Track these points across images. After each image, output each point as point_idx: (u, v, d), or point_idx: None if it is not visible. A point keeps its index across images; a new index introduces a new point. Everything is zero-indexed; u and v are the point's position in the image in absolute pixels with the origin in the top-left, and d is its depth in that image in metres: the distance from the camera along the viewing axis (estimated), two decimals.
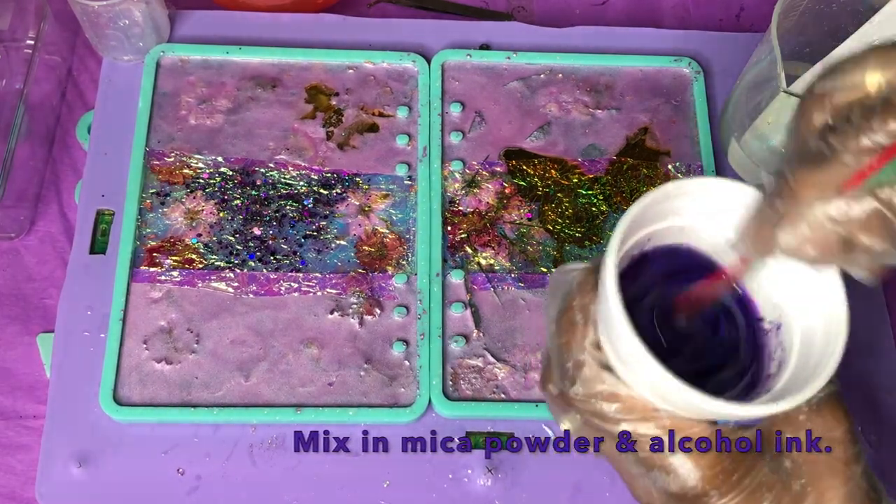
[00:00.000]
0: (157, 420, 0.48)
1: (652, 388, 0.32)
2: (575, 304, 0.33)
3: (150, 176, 0.53)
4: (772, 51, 0.49)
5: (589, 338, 0.33)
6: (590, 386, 0.32)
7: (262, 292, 0.51)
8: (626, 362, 0.32)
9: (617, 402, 0.32)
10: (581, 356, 0.33)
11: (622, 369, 0.32)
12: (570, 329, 0.33)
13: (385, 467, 0.48)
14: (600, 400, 0.32)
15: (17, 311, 0.53)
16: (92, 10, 0.52)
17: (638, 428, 0.32)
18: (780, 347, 0.34)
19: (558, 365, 0.34)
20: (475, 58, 0.58)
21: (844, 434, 0.32)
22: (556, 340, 0.34)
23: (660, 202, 0.33)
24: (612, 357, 0.33)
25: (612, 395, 0.32)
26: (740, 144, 0.55)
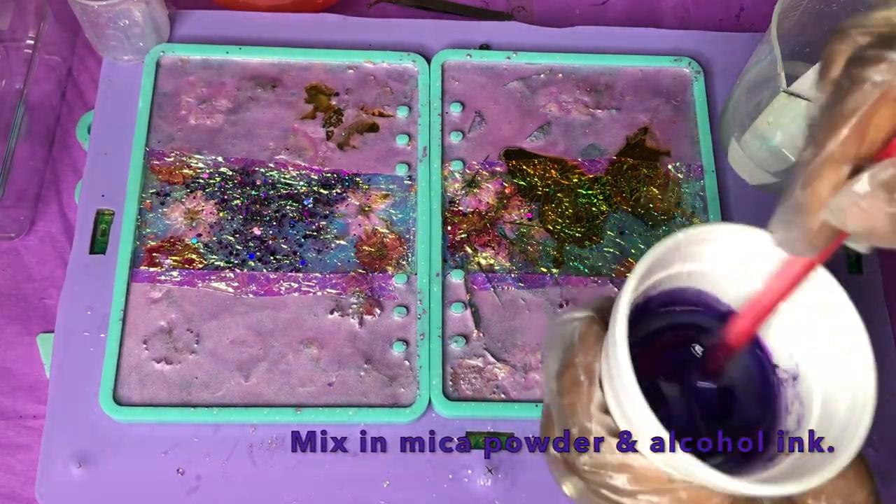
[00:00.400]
0: (157, 420, 0.48)
1: (665, 463, 0.30)
2: (578, 360, 0.31)
3: (150, 176, 0.53)
4: (772, 51, 0.49)
5: (595, 401, 0.31)
6: (598, 456, 0.30)
7: (262, 292, 0.51)
8: (636, 429, 0.30)
9: (628, 472, 0.30)
10: (587, 423, 0.31)
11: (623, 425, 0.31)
12: (573, 389, 0.31)
13: (385, 467, 0.48)
14: (610, 471, 0.30)
15: (17, 311, 0.53)
16: (92, 10, 0.52)
17: (652, 500, 0.30)
18: (798, 401, 0.33)
19: (561, 428, 0.32)
20: (475, 58, 0.58)
21: (867, 497, 0.31)
22: (558, 401, 0.32)
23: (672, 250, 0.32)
24: (620, 421, 0.31)
25: (622, 465, 0.30)
26: (740, 144, 0.55)
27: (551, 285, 0.52)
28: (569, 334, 0.32)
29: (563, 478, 0.33)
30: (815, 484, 0.28)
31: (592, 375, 0.31)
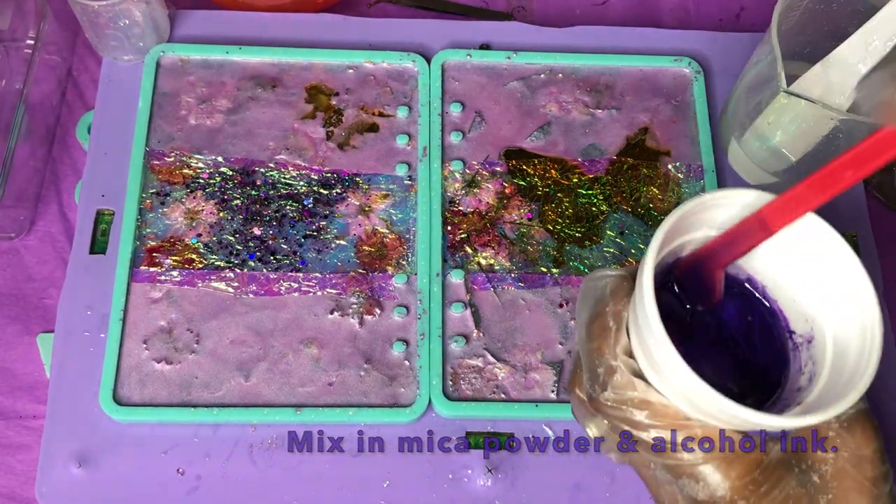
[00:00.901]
0: (157, 420, 0.48)
1: (684, 397, 0.32)
2: (608, 309, 0.33)
3: (150, 176, 0.53)
4: (772, 51, 0.49)
5: (621, 344, 0.33)
6: (621, 392, 0.32)
7: (262, 292, 0.51)
8: (659, 371, 0.32)
9: (647, 409, 0.32)
10: (613, 362, 0.33)
11: (654, 377, 0.32)
12: (601, 334, 0.33)
13: (385, 467, 0.48)
14: (631, 407, 0.32)
15: (17, 311, 0.53)
16: (92, 10, 0.52)
17: (668, 434, 0.32)
18: (812, 361, 0.34)
19: (588, 370, 0.34)
20: (475, 58, 0.58)
21: (874, 453, 0.32)
22: (586, 345, 0.34)
23: (696, 212, 0.33)
24: (644, 365, 0.33)
25: (643, 402, 0.32)
26: (740, 144, 0.55)
27: (551, 285, 0.52)
28: (601, 288, 0.34)
29: (586, 419, 0.35)
30: (823, 418, 0.29)
31: (620, 322, 0.33)
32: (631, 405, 0.32)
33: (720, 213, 0.34)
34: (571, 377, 0.37)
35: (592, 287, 0.35)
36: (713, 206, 0.33)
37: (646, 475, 0.35)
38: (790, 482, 0.32)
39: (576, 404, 0.36)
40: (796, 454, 0.32)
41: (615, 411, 0.33)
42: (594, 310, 0.34)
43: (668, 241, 0.33)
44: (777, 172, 0.54)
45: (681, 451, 0.32)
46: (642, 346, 0.32)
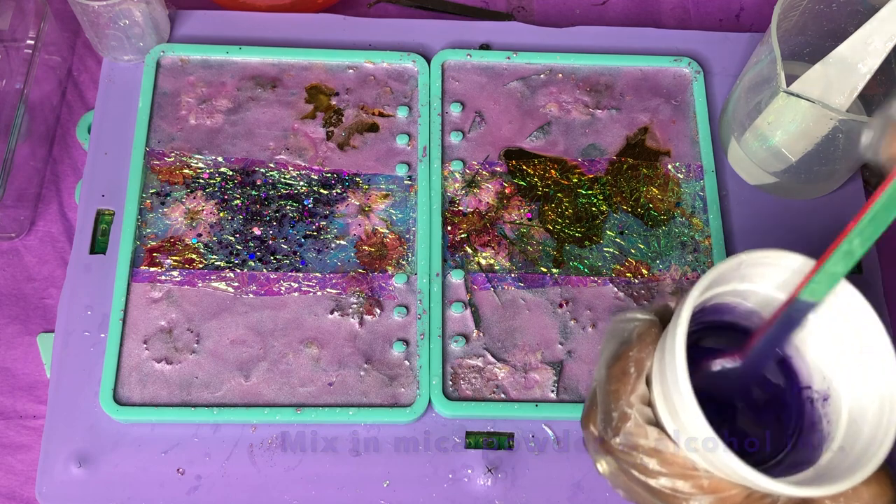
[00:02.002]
0: (157, 420, 0.48)
1: (702, 456, 0.32)
2: (631, 354, 0.34)
3: (150, 176, 0.53)
4: (772, 51, 0.49)
5: (638, 392, 0.33)
6: (632, 439, 0.33)
7: (262, 292, 0.51)
8: (680, 424, 0.32)
9: (657, 457, 0.32)
10: (628, 409, 0.33)
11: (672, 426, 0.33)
12: (621, 378, 0.34)
13: (385, 467, 0.48)
14: (641, 453, 0.33)
15: (17, 311, 0.53)
16: (92, 10, 0.52)
17: (676, 483, 0.32)
18: (826, 419, 0.34)
19: (603, 411, 0.34)
20: (475, 58, 0.58)
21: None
22: (604, 386, 0.34)
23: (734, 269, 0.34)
24: (662, 412, 0.33)
25: (653, 450, 0.33)
26: (740, 144, 0.55)
27: (551, 285, 0.52)
28: (628, 331, 0.35)
29: (598, 456, 0.36)
30: (840, 490, 0.30)
31: (641, 370, 0.33)
32: (641, 451, 0.33)
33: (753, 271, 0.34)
34: (586, 412, 0.37)
35: (620, 328, 0.35)
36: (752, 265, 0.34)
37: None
38: None
39: (588, 440, 0.37)
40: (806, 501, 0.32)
41: (625, 456, 0.33)
42: (617, 350, 0.34)
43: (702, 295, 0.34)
44: (777, 172, 0.54)
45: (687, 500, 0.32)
46: (665, 395, 0.32)
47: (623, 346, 0.34)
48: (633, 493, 0.35)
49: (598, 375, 0.35)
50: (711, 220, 0.54)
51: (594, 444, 0.36)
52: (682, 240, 0.53)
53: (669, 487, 0.32)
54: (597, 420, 0.35)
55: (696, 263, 0.53)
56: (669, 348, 0.32)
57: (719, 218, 0.54)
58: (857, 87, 0.50)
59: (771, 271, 0.34)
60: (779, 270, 0.34)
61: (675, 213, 0.54)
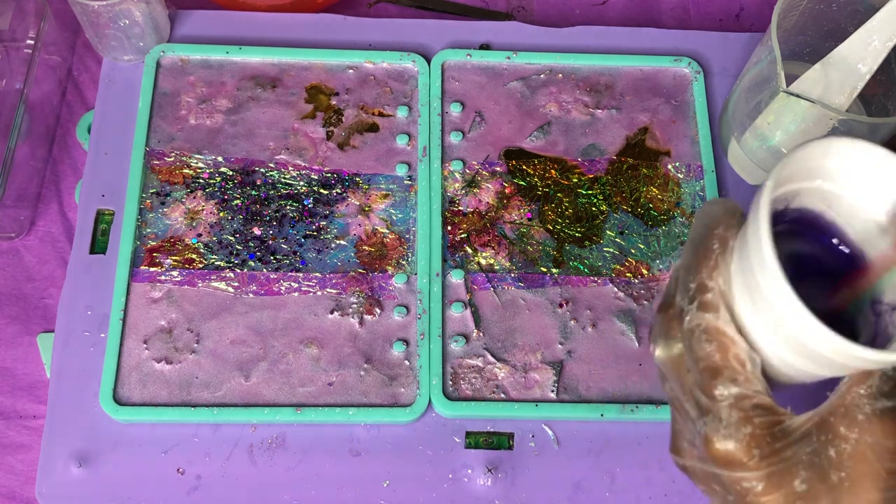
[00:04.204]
0: (157, 420, 0.48)
1: (775, 329, 0.31)
2: (716, 232, 0.34)
3: (150, 176, 0.53)
4: (772, 51, 0.49)
5: (719, 269, 0.33)
6: (702, 313, 0.33)
7: (262, 292, 0.51)
8: (764, 303, 0.31)
9: (717, 340, 0.32)
10: (708, 282, 0.33)
11: (745, 307, 0.32)
12: (705, 254, 0.34)
13: (385, 467, 0.48)
14: (704, 332, 0.33)
15: (17, 311, 0.53)
16: (92, 10, 0.52)
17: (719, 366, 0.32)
18: (893, 325, 0.34)
19: (683, 284, 0.34)
20: (475, 58, 0.58)
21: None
22: (686, 260, 0.34)
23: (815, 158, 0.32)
24: (737, 292, 0.32)
25: (716, 331, 0.32)
26: (740, 144, 0.55)
27: (551, 285, 0.52)
28: (715, 212, 0.35)
29: (657, 340, 0.36)
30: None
31: (724, 247, 0.33)
32: (705, 329, 0.33)
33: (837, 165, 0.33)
34: (663, 299, 0.37)
35: (709, 210, 0.35)
36: (831, 155, 0.32)
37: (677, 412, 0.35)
38: (804, 448, 0.32)
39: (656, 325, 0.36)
40: (819, 424, 0.32)
41: (691, 328, 0.33)
42: (702, 231, 0.34)
43: (785, 182, 0.32)
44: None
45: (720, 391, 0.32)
46: (745, 277, 0.32)
47: (707, 226, 0.34)
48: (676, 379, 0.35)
49: (682, 257, 0.36)
50: None
51: (662, 323, 0.36)
52: (682, 240, 0.53)
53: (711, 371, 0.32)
54: (673, 306, 0.35)
55: None
56: (753, 218, 0.31)
57: None
58: (857, 87, 0.50)
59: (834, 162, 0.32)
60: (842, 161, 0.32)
61: (675, 213, 0.54)
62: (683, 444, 0.36)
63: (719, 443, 0.32)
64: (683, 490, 0.48)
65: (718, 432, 0.32)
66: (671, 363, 0.35)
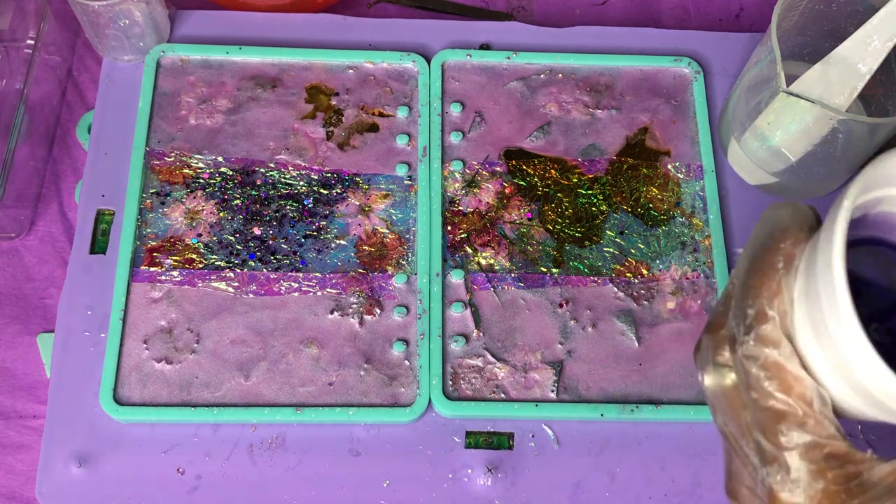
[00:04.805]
0: (157, 420, 0.48)
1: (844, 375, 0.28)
2: (783, 246, 0.29)
3: (150, 176, 0.53)
4: (772, 51, 0.49)
5: (783, 294, 0.29)
6: (761, 347, 0.29)
7: (262, 292, 0.51)
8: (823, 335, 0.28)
9: (777, 377, 0.28)
10: (769, 310, 0.29)
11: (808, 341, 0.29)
12: (767, 273, 0.29)
13: (385, 467, 0.48)
14: (762, 368, 0.29)
15: (17, 311, 0.53)
16: (92, 10, 0.52)
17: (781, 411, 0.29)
18: None
19: (738, 307, 0.30)
20: (475, 58, 0.58)
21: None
22: (745, 278, 0.30)
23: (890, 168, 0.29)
24: (800, 323, 0.29)
25: (777, 367, 0.28)
26: (740, 144, 0.55)
27: (551, 285, 0.52)
28: (781, 218, 0.30)
29: (706, 367, 0.32)
30: None
31: (790, 266, 0.29)
32: (762, 364, 0.29)
33: None
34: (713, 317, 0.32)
35: (773, 216, 0.30)
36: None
37: (734, 455, 0.31)
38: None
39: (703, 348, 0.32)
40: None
41: (747, 362, 0.29)
42: (766, 242, 0.30)
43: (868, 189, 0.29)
44: (777, 172, 0.54)
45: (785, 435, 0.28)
46: (810, 308, 0.28)
47: (772, 236, 0.29)
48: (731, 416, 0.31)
49: (738, 269, 0.31)
50: (711, 220, 0.54)
51: (709, 352, 0.32)
52: (682, 240, 0.53)
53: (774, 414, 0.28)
54: (724, 325, 0.31)
55: (696, 263, 0.53)
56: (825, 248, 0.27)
57: (719, 218, 0.54)
58: (857, 87, 0.50)
59: None
60: None
61: (675, 213, 0.54)
62: (742, 490, 0.32)
63: (786, 499, 0.28)
64: (684, 490, 0.48)
65: (785, 486, 0.28)
66: (723, 395, 0.31)
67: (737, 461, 0.32)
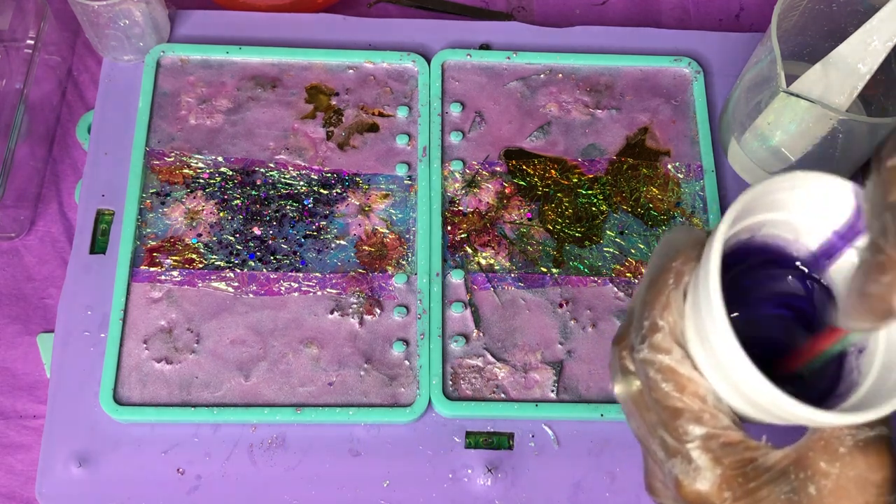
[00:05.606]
0: (157, 420, 0.48)
1: (723, 376, 0.30)
2: (674, 265, 0.32)
3: (150, 176, 0.53)
4: (772, 51, 0.49)
5: (672, 306, 0.32)
6: (656, 354, 0.32)
7: (262, 292, 0.51)
8: (708, 348, 0.30)
9: (673, 380, 0.31)
10: (659, 321, 0.32)
11: (699, 351, 0.31)
12: (659, 289, 0.32)
13: (385, 467, 0.48)
14: (658, 371, 0.31)
15: (17, 311, 0.53)
16: (92, 10, 0.52)
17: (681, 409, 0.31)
18: (857, 371, 0.32)
19: (637, 319, 0.33)
20: (475, 58, 0.58)
21: (883, 480, 0.31)
22: (643, 294, 0.33)
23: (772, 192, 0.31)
24: (689, 331, 0.32)
25: (671, 371, 0.31)
26: (740, 144, 0.55)
27: (551, 285, 0.52)
28: (677, 242, 0.33)
29: (615, 376, 0.35)
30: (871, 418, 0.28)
31: (679, 282, 0.32)
32: (659, 369, 0.31)
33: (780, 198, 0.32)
34: (620, 331, 0.36)
35: (672, 239, 0.34)
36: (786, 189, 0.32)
37: (646, 450, 0.34)
38: (783, 486, 0.31)
39: (614, 357, 0.36)
40: (797, 461, 0.31)
41: (644, 368, 0.32)
42: (661, 261, 0.33)
43: (744, 217, 0.32)
44: (777, 172, 0.54)
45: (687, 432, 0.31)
46: (696, 318, 0.31)
47: (667, 257, 0.33)
48: (639, 418, 0.33)
49: (639, 288, 0.34)
50: (711, 220, 0.54)
51: (617, 362, 0.35)
52: None
53: (672, 411, 0.31)
54: (628, 337, 0.34)
55: None
56: (704, 265, 0.30)
57: (719, 218, 0.54)
58: (857, 87, 0.50)
59: (802, 196, 0.32)
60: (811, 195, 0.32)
61: (675, 213, 0.54)
62: (657, 484, 0.34)
63: (690, 486, 0.31)
64: None
65: (688, 475, 0.31)
66: (631, 400, 0.34)
67: (649, 459, 0.34)
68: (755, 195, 0.31)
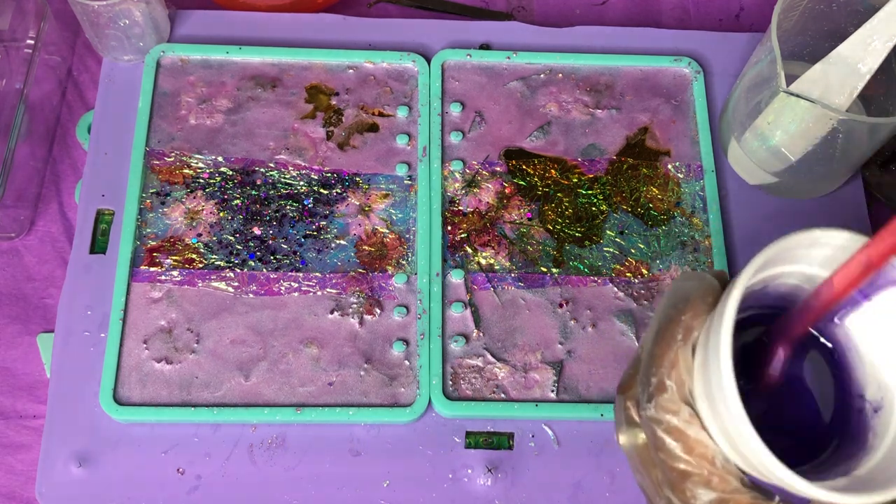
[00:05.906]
0: (157, 420, 0.48)
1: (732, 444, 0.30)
2: (683, 318, 0.31)
3: (150, 176, 0.53)
4: (772, 51, 0.49)
5: (680, 363, 0.31)
6: (662, 413, 0.31)
7: (262, 292, 0.51)
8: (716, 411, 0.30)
9: (681, 441, 0.31)
10: (667, 380, 0.31)
11: (707, 412, 0.31)
12: (668, 344, 0.31)
13: (385, 467, 0.48)
14: (665, 431, 0.31)
15: (17, 311, 0.53)
16: (92, 10, 0.52)
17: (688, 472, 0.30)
18: (873, 432, 0.32)
19: (644, 373, 0.32)
20: (475, 58, 0.58)
21: None
22: (650, 348, 0.32)
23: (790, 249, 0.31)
24: (697, 389, 0.31)
25: (679, 431, 0.30)
26: (740, 144, 0.55)
27: (551, 285, 0.52)
28: (686, 291, 0.32)
29: (620, 426, 0.34)
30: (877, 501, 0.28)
31: (688, 338, 0.31)
32: (667, 429, 0.31)
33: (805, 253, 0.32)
34: (624, 379, 0.35)
35: (680, 288, 0.33)
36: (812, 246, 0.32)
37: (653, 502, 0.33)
38: None
39: (618, 408, 0.35)
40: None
41: (653, 426, 0.31)
42: (671, 312, 0.32)
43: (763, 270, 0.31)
44: (777, 172, 0.54)
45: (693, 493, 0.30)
46: (705, 378, 0.30)
47: (677, 308, 0.32)
48: (645, 473, 0.33)
49: (646, 336, 0.33)
50: (711, 220, 0.54)
51: (623, 411, 0.34)
52: (682, 240, 0.53)
53: (680, 473, 0.30)
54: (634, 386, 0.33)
55: (696, 263, 0.53)
56: (714, 339, 0.29)
57: (719, 218, 0.54)
58: (857, 87, 0.50)
59: (822, 252, 0.32)
60: (831, 252, 0.32)
61: (675, 212, 0.54)
62: None
63: None
64: None
65: None
66: (636, 453, 0.33)
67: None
68: (769, 256, 0.30)
